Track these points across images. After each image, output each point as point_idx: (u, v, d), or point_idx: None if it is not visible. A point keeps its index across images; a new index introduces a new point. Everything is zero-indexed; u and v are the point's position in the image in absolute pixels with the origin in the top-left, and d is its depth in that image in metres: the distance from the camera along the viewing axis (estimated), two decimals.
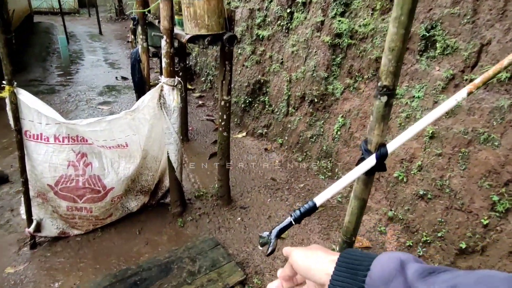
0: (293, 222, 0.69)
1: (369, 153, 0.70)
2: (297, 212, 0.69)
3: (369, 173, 0.72)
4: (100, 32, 10.04)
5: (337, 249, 0.96)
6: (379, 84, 0.64)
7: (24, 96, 1.45)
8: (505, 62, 0.69)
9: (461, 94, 0.68)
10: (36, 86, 4.63)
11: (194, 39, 1.56)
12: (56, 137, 1.55)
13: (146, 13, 2.56)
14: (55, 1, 14.22)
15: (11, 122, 1.48)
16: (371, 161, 0.68)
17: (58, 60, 6.41)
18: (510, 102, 1.46)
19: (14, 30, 5.18)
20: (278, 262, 1.85)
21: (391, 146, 0.68)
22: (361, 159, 0.71)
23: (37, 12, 12.56)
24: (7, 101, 1.44)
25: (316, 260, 0.48)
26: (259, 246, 0.69)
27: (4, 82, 1.40)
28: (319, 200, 0.70)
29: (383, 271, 0.40)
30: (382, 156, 0.68)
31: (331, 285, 0.44)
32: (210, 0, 1.42)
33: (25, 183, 1.61)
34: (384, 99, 0.64)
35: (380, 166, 0.69)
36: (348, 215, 0.81)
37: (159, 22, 2.33)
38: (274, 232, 0.68)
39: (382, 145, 0.69)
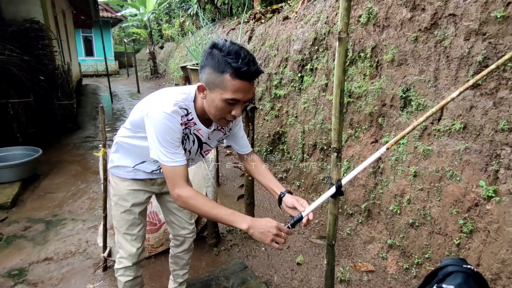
0: (290, 226, 1.19)
1: (332, 185, 1.21)
2: (293, 219, 1.19)
3: (334, 197, 1.22)
4: (138, 91, 11.29)
5: (325, 259, 1.41)
6: (331, 145, 1.17)
7: None
8: (407, 129, 1.19)
9: (382, 149, 1.19)
10: (91, 142, 5.51)
11: None
12: None
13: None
14: (99, 65, 16.37)
15: (101, 172, 2.12)
16: (333, 189, 1.19)
17: (106, 118, 7.46)
18: (464, 146, 1.91)
19: None
20: (295, 282, 2.25)
21: (343, 181, 1.18)
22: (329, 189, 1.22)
23: (84, 75, 14.36)
24: (100, 158, 2.08)
25: None
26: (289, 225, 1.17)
27: (100, 145, 2.06)
28: (304, 213, 1.20)
29: None
30: (339, 186, 1.18)
31: None
32: None
33: (105, 218, 2.20)
34: (335, 154, 1.16)
35: (338, 192, 1.19)
36: (328, 226, 1.30)
37: None
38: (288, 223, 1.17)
39: (338, 180, 1.19)
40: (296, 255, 2.53)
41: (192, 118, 1.21)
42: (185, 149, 1.25)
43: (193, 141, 1.29)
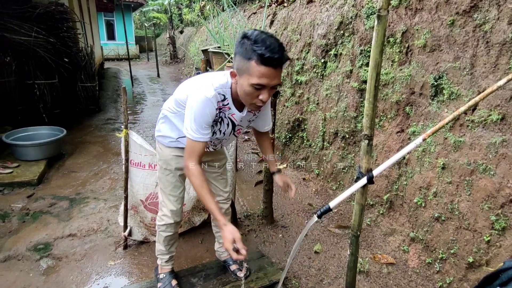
0: (317, 218, 1.15)
1: (362, 174, 1.15)
2: (320, 210, 1.15)
3: (363, 187, 1.16)
4: (158, 75, 11.37)
5: (349, 242, 1.37)
6: (363, 133, 1.10)
7: (133, 135, 2.10)
8: (446, 119, 1.11)
9: (419, 140, 1.11)
10: (112, 124, 5.61)
11: None
12: (150, 165, 2.17)
13: (208, 69, 3.26)
14: (121, 49, 16.53)
15: (123, 154, 2.13)
16: (364, 180, 1.13)
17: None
18: (501, 139, 1.79)
19: None
20: (312, 270, 2.23)
21: (375, 172, 1.12)
22: (357, 178, 1.17)
23: (106, 59, 14.54)
24: (122, 139, 2.09)
25: None
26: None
27: (122, 126, 2.07)
28: (332, 204, 1.16)
29: None
30: (370, 177, 1.13)
31: None
32: None
33: (126, 198, 2.23)
34: (366, 142, 1.10)
35: (369, 182, 1.13)
36: (353, 216, 1.25)
37: None
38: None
39: (369, 170, 1.14)
40: (314, 244, 2.51)
41: (228, 104, 1.35)
42: (220, 131, 1.44)
43: (227, 124, 1.44)
